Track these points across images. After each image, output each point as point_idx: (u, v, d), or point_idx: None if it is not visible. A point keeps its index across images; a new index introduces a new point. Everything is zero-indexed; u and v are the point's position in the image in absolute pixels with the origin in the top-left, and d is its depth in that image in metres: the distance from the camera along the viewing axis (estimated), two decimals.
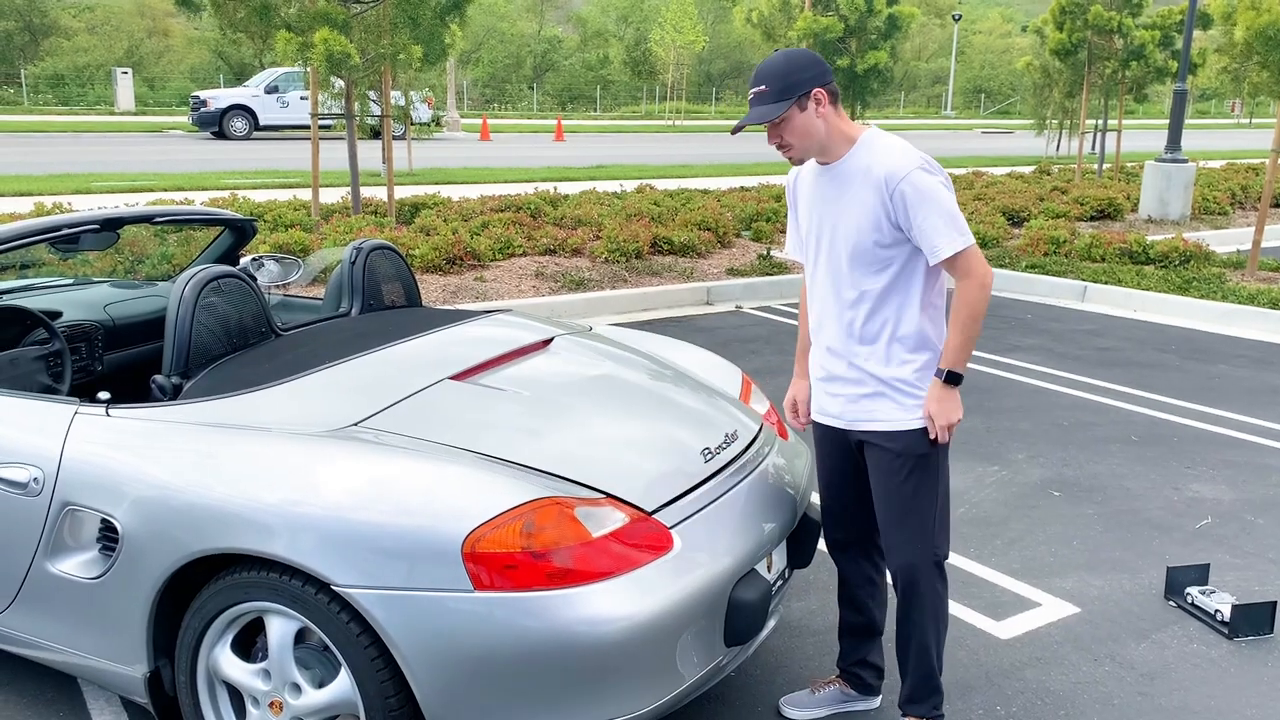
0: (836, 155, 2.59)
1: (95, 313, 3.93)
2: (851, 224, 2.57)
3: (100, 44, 43.18)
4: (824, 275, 2.68)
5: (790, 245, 2.87)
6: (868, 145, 2.58)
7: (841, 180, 2.59)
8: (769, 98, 2.50)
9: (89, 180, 14.73)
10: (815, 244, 2.69)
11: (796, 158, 2.59)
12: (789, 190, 2.82)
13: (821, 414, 2.80)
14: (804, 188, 2.71)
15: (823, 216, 2.64)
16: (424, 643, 2.21)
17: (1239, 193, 14.92)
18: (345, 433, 2.55)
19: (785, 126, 2.52)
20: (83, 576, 2.58)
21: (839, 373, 2.69)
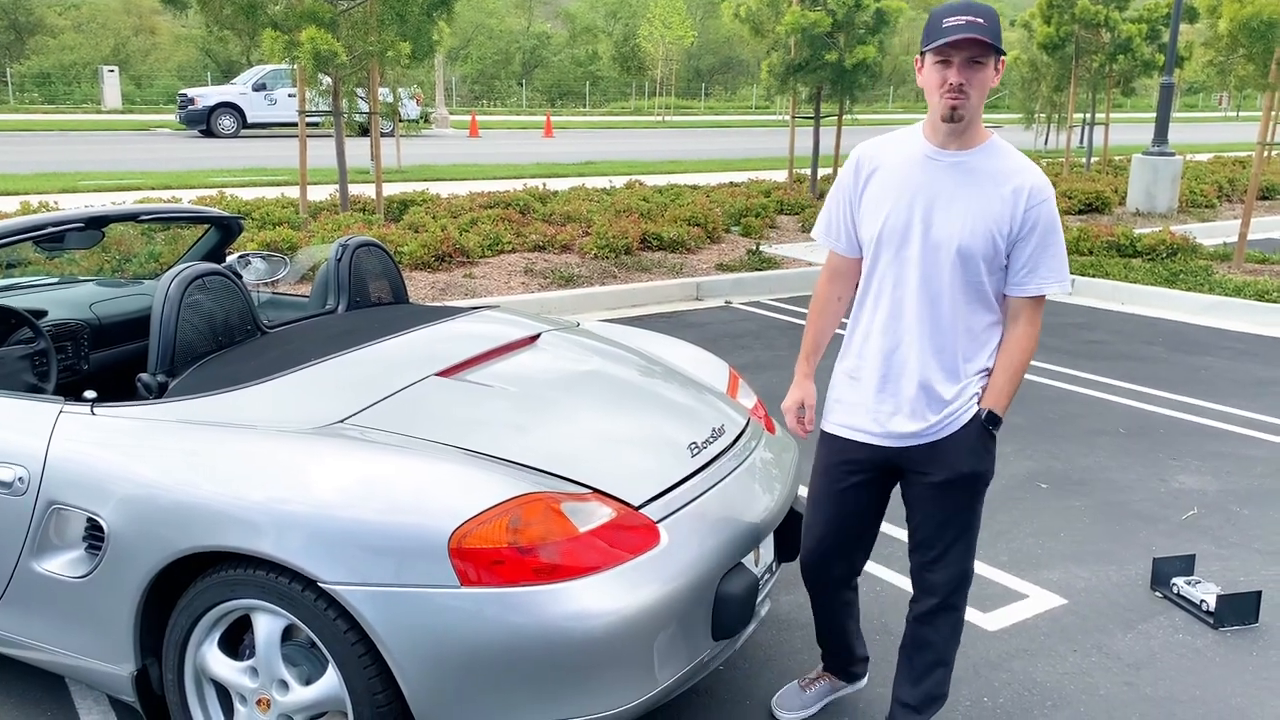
0: (972, 143, 2.36)
1: (81, 311, 3.92)
2: (967, 224, 2.33)
3: (86, 42, 42.95)
4: (914, 274, 2.39)
5: (835, 231, 2.56)
6: (1004, 148, 2.38)
7: (969, 174, 2.35)
8: (988, 33, 2.22)
9: (76, 179, 14.66)
10: (902, 237, 2.39)
11: (961, 114, 2.29)
12: (858, 169, 2.49)
13: (858, 430, 2.53)
14: (894, 173, 2.41)
15: (930, 208, 2.36)
16: (411, 639, 2.21)
17: (1226, 185, 14.97)
18: (331, 430, 2.55)
19: (984, 71, 2.27)
20: (69, 575, 2.58)
21: (926, 383, 2.43)
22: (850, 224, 2.53)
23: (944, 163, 2.35)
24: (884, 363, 2.47)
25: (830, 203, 2.57)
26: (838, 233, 2.56)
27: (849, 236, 2.55)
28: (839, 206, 2.55)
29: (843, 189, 2.53)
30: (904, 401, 2.45)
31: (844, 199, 2.53)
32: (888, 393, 2.47)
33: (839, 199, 2.54)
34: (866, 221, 2.46)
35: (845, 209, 2.53)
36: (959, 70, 2.26)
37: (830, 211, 2.57)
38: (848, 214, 2.53)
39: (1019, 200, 2.32)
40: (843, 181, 2.53)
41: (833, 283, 2.64)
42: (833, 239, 2.57)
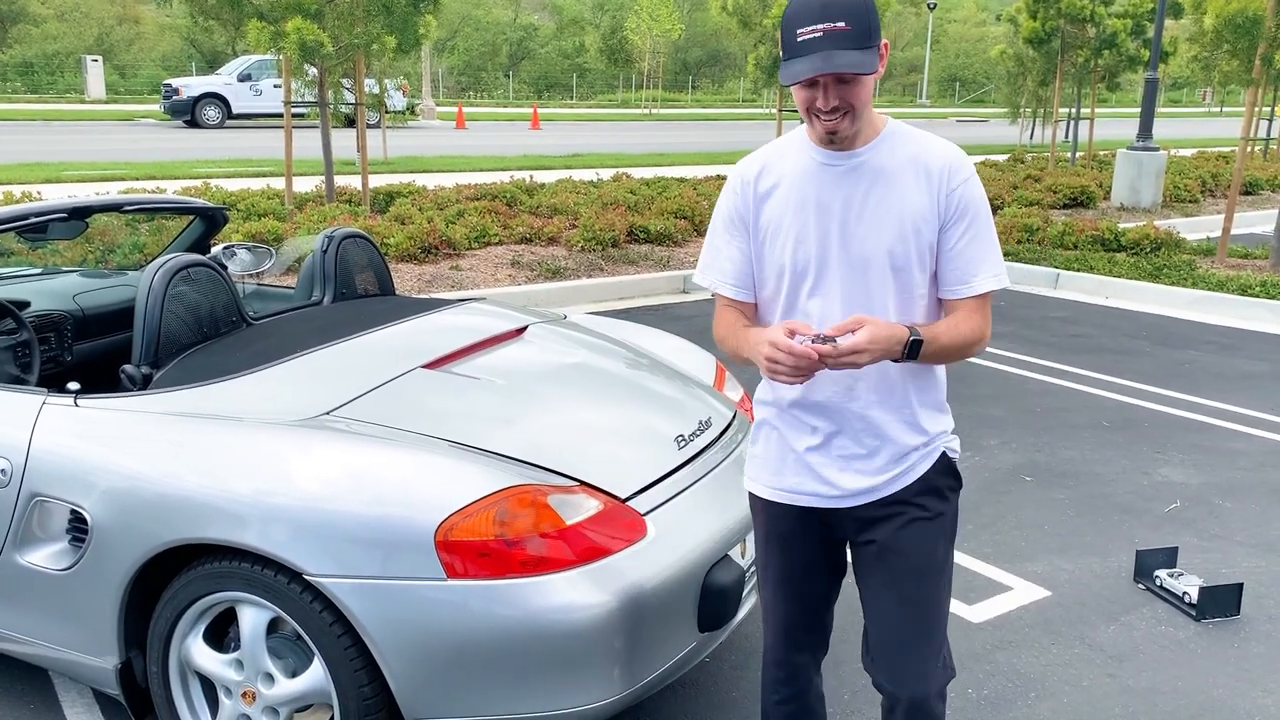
0: (864, 140, 1.95)
1: (64, 302, 3.89)
2: (893, 232, 1.93)
3: (70, 31, 42.61)
4: (839, 303, 1.96)
5: (729, 272, 2.06)
6: (906, 133, 1.99)
7: (876, 173, 1.95)
8: (851, 40, 1.78)
9: (59, 169, 14.56)
10: (819, 262, 1.96)
11: (843, 135, 1.89)
12: (746, 193, 2.03)
13: (798, 493, 2.08)
14: (791, 190, 1.99)
15: (844, 220, 1.94)
16: (397, 631, 2.21)
17: (1209, 180, 15.05)
18: (317, 422, 2.54)
19: (860, 83, 1.84)
20: (52, 568, 2.56)
21: (875, 428, 2.02)
22: (749, 260, 2.05)
23: (842, 168, 1.95)
24: (819, 414, 2.04)
25: (717, 240, 2.08)
26: (736, 274, 2.06)
27: (748, 277, 2.06)
28: (731, 242, 2.05)
29: (731, 220, 2.05)
30: (851, 456, 2.04)
31: (736, 232, 2.05)
32: (833, 450, 2.05)
33: (730, 233, 2.06)
34: (770, 253, 2.01)
35: (740, 243, 2.05)
36: (829, 93, 1.84)
37: (719, 251, 2.08)
38: (745, 249, 2.05)
39: (937, 184, 1.95)
40: (728, 212, 2.06)
41: (736, 323, 2.08)
42: (730, 283, 2.06)
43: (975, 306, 1.98)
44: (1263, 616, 3.51)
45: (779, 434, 2.10)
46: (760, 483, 2.16)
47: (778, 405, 2.09)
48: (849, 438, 2.03)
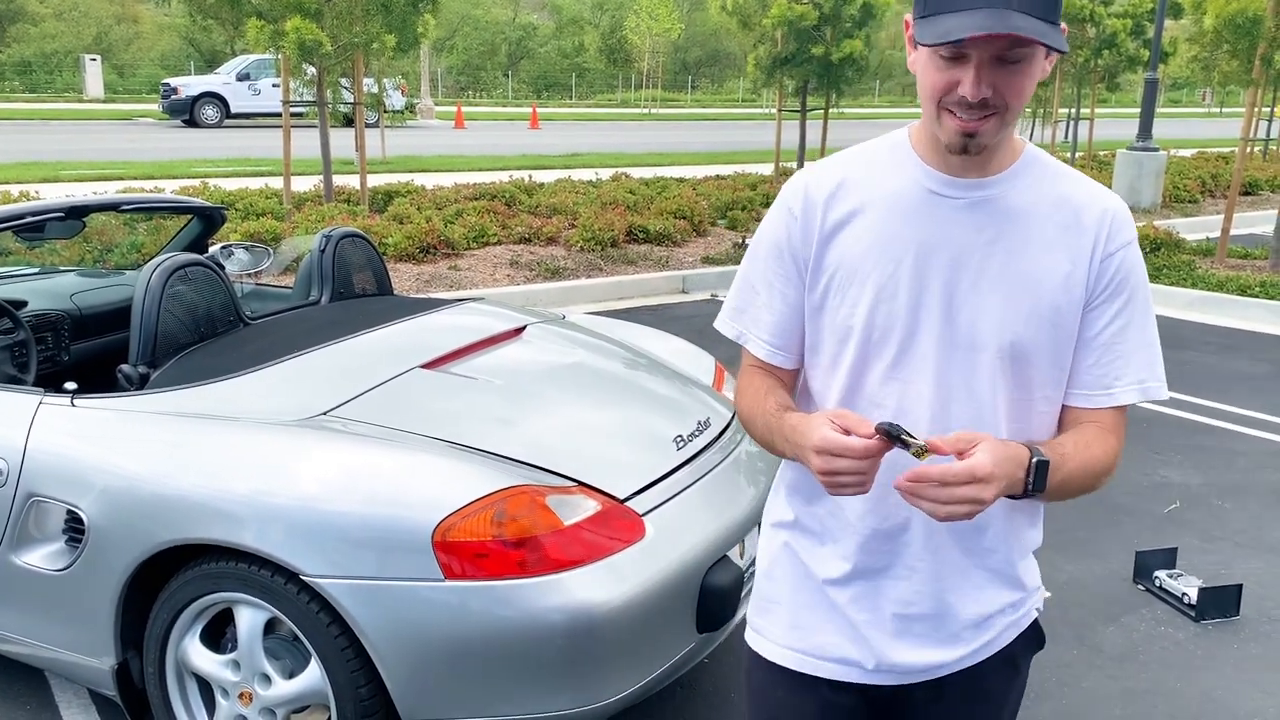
0: (1003, 163, 1.40)
1: (61, 302, 3.88)
2: (1022, 307, 1.37)
3: (68, 30, 42.56)
4: (928, 398, 1.39)
5: (766, 324, 1.50)
6: (1047, 163, 1.43)
7: (1009, 220, 1.38)
8: (1035, 4, 1.26)
9: (57, 168, 14.54)
10: (905, 335, 1.39)
11: (981, 144, 1.33)
12: (809, 216, 1.44)
13: (827, 659, 1.50)
14: (876, 222, 1.41)
15: (952, 281, 1.38)
16: (395, 632, 2.20)
17: (1209, 181, 15.04)
18: (315, 422, 2.53)
19: (1025, 71, 1.29)
20: (48, 568, 2.55)
21: (950, 579, 1.46)
22: (798, 313, 1.48)
23: (963, 201, 1.38)
24: (876, 552, 1.46)
25: (755, 278, 1.50)
26: (777, 329, 1.49)
27: (794, 335, 1.49)
28: (775, 285, 1.47)
29: (780, 254, 1.46)
30: (913, 616, 1.46)
31: (785, 272, 1.47)
32: (884, 600, 1.46)
33: (775, 272, 1.47)
34: (834, 308, 1.43)
35: (788, 288, 1.47)
36: (982, 74, 1.27)
37: (755, 293, 1.50)
38: (794, 297, 1.47)
39: (1091, 241, 1.38)
40: (777, 241, 1.47)
41: (769, 398, 1.49)
42: (766, 340, 1.50)
43: (1112, 422, 1.43)
44: (1262, 617, 3.50)
45: (804, 570, 1.51)
46: (770, 638, 1.54)
47: (805, 529, 1.51)
48: (910, 584, 1.44)
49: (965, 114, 1.30)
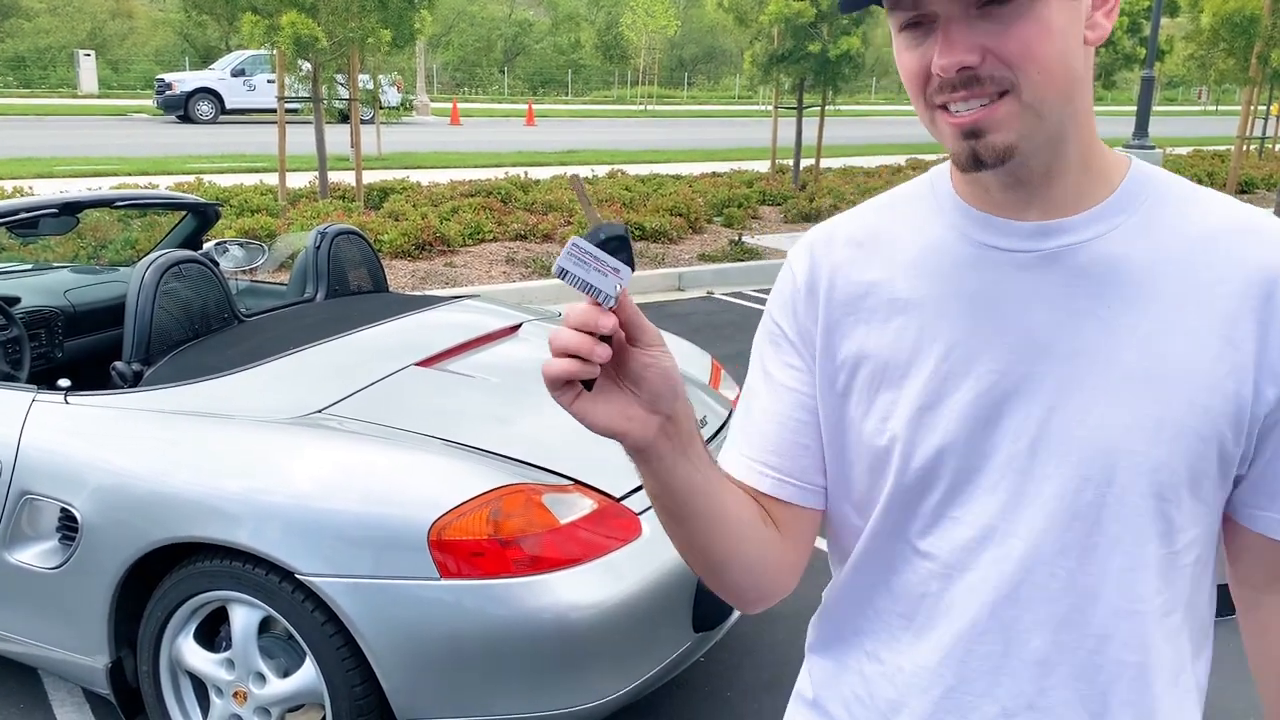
0: (1082, 198, 0.93)
1: (55, 299, 3.86)
2: (1150, 405, 0.90)
3: (62, 25, 42.43)
4: (1018, 551, 0.94)
5: (756, 441, 1.05)
6: (1169, 187, 0.95)
7: (1110, 274, 0.92)
8: None
9: (51, 164, 14.49)
10: (964, 461, 0.95)
11: (1009, 138, 0.87)
12: (806, 290, 1.05)
13: None
14: (918, 294, 0.98)
15: (1029, 377, 0.92)
16: (390, 631, 2.19)
17: (1205, 179, 15.04)
18: (309, 420, 2.52)
19: (1035, 19, 0.84)
20: (42, 566, 2.54)
21: None
22: (802, 422, 1.04)
23: (1030, 256, 0.94)
24: None
25: (753, 377, 1.07)
26: (773, 443, 1.04)
27: (798, 452, 1.04)
28: (773, 378, 1.05)
29: (777, 338, 1.06)
30: None
31: (781, 356, 1.05)
32: None
33: (768, 355, 1.06)
34: (855, 421, 1.01)
35: (793, 379, 1.04)
36: (953, 31, 0.86)
37: (751, 394, 1.07)
38: (794, 395, 1.04)
39: (1264, 310, 0.89)
40: (775, 313, 1.07)
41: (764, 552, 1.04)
42: (748, 455, 1.05)
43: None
44: None
45: None
46: None
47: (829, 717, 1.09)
48: None
49: (956, 103, 0.87)
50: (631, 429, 0.87)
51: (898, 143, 23.22)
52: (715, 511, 0.97)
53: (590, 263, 0.81)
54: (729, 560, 1.00)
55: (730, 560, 1.00)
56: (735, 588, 1.03)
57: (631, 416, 0.87)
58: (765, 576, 1.03)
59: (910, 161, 16.96)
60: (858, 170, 15.54)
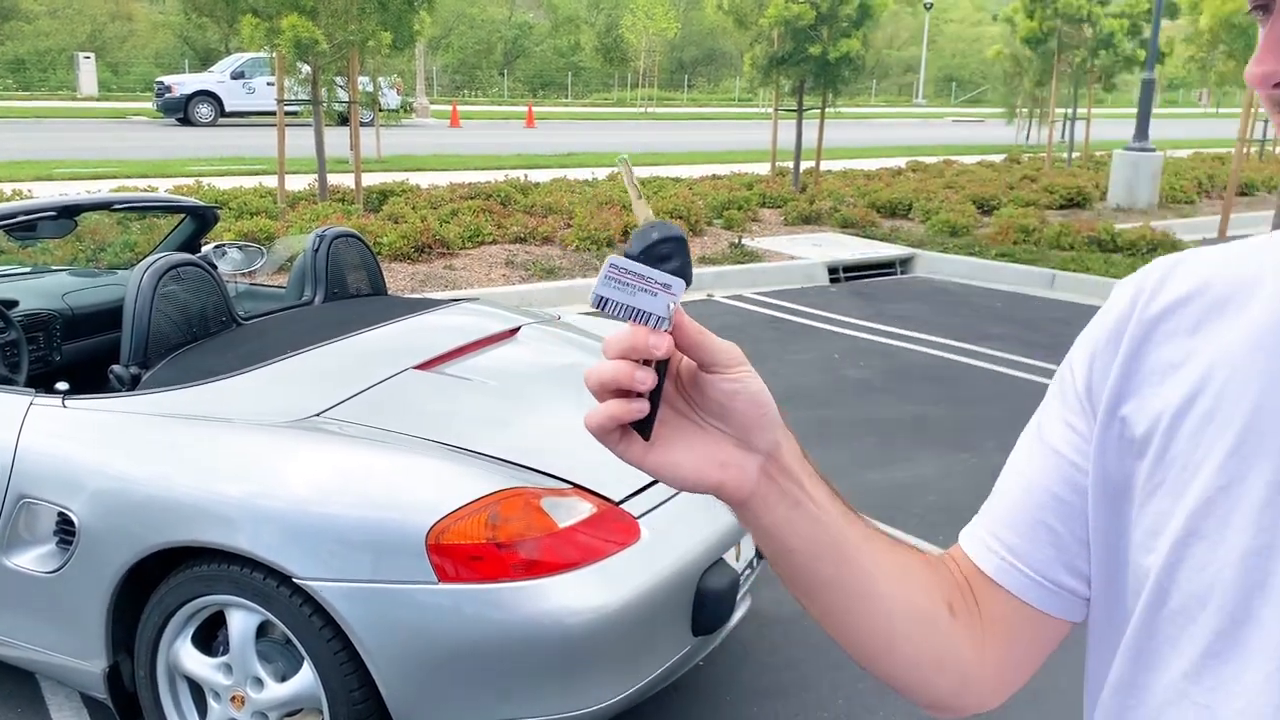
0: None
1: (53, 301, 3.86)
2: None
3: (62, 28, 42.44)
4: None
5: (999, 508, 0.83)
6: None
7: None
8: None
9: (50, 167, 14.49)
10: (1237, 593, 0.66)
11: None
12: (1110, 329, 0.80)
13: None
14: (1220, 372, 0.70)
15: None
16: (388, 636, 2.18)
17: (1205, 181, 15.05)
18: (308, 423, 2.51)
19: None
20: (39, 571, 2.53)
21: None
22: (1060, 496, 0.79)
23: None
24: None
25: (1025, 439, 0.85)
26: (1019, 523, 0.81)
27: (1055, 550, 0.79)
28: (1041, 425, 0.83)
29: (1067, 377, 0.82)
30: None
31: (1058, 408, 0.81)
32: None
33: (1049, 405, 0.83)
34: (1155, 512, 0.72)
35: (1059, 436, 0.80)
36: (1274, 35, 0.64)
37: (1019, 470, 0.84)
38: (1062, 459, 0.79)
39: None
40: (1070, 373, 0.82)
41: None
42: (1000, 541, 0.82)
43: None
44: None
45: None
46: None
47: None
48: None
49: None
50: (727, 477, 0.70)
51: (898, 145, 23.22)
52: (855, 584, 0.76)
53: (634, 283, 0.65)
54: (885, 652, 0.78)
55: (887, 652, 0.78)
56: (904, 687, 0.81)
57: (725, 462, 0.70)
58: (943, 681, 0.79)
59: (911, 164, 16.96)
60: (858, 173, 15.53)
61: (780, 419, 0.71)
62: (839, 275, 9.43)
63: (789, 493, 0.72)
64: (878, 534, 0.78)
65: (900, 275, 9.79)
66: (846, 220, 11.30)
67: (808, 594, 0.77)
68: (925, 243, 10.51)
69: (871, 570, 0.76)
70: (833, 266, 9.45)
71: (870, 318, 7.87)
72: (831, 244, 10.36)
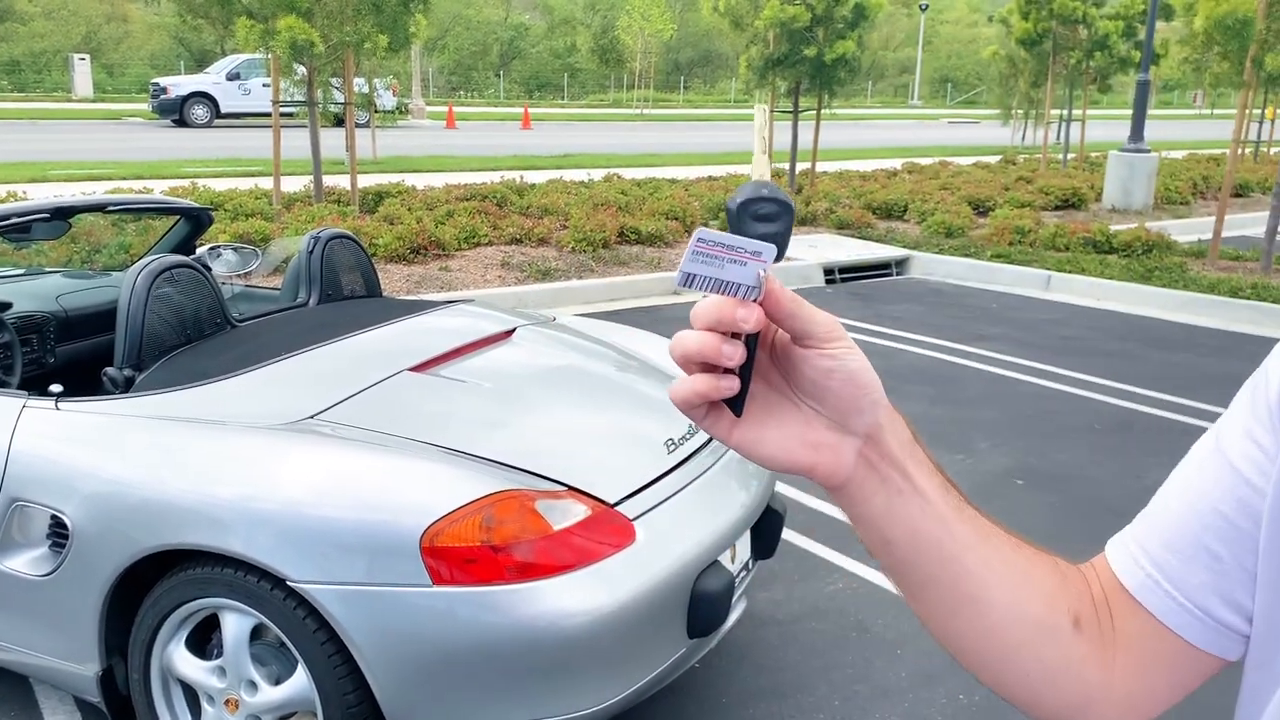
0: None
1: (47, 303, 3.84)
2: None
3: (57, 29, 42.38)
4: None
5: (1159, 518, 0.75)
6: None
7: None
8: None
9: (45, 168, 14.46)
10: None
11: None
12: None
13: None
14: None
15: None
16: (382, 639, 2.17)
17: (1200, 183, 15.08)
18: (302, 426, 2.50)
19: None
20: (32, 574, 2.52)
21: None
22: (1240, 538, 0.68)
23: None
24: None
25: (1200, 447, 0.75)
26: (1175, 540, 0.72)
27: (1212, 577, 0.69)
28: (1220, 438, 0.72)
29: (1256, 408, 0.69)
30: None
31: (1253, 452, 0.68)
32: None
33: (1227, 444, 0.71)
34: None
35: (1241, 488, 0.68)
36: None
37: (1185, 479, 0.74)
38: (1249, 512, 0.67)
39: None
40: (1265, 379, 0.69)
41: None
42: (1149, 557, 0.73)
43: None
44: None
45: None
46: None
47: None
48: None
49: None
50: (820, 460, 0.65)
51: (893, 146, 23.23)
52: (960, 585, 0.70)
53: (722, 254, 0.59)
54: (994, 660, 0.72)
55: (996, 661, 0.72)
56: (1014, 699, 0.74)
57: (817, 443, 0.65)
58: (1057, 699, 0.72)
59: (906, 165, 16.97)
60: (853, 174, 15.54)
61: (884, 400, 0.66)
62: (835, 276, 9.43)
63: (890, 480, 0.67)
64: (1000, 535, 0.72)
65: (896, 276, 9.80)
66: (842, 221, 11.31)
67: (909, 591, 0.72)
68: (921, 244, 10.52)
69: (980, 572, 0.70)
70: (829, 268, 9.45)
71: (866, 319, 7.87)
72: (827, 245, 10.36)
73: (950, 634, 0.73)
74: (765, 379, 0.65)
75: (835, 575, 3.74)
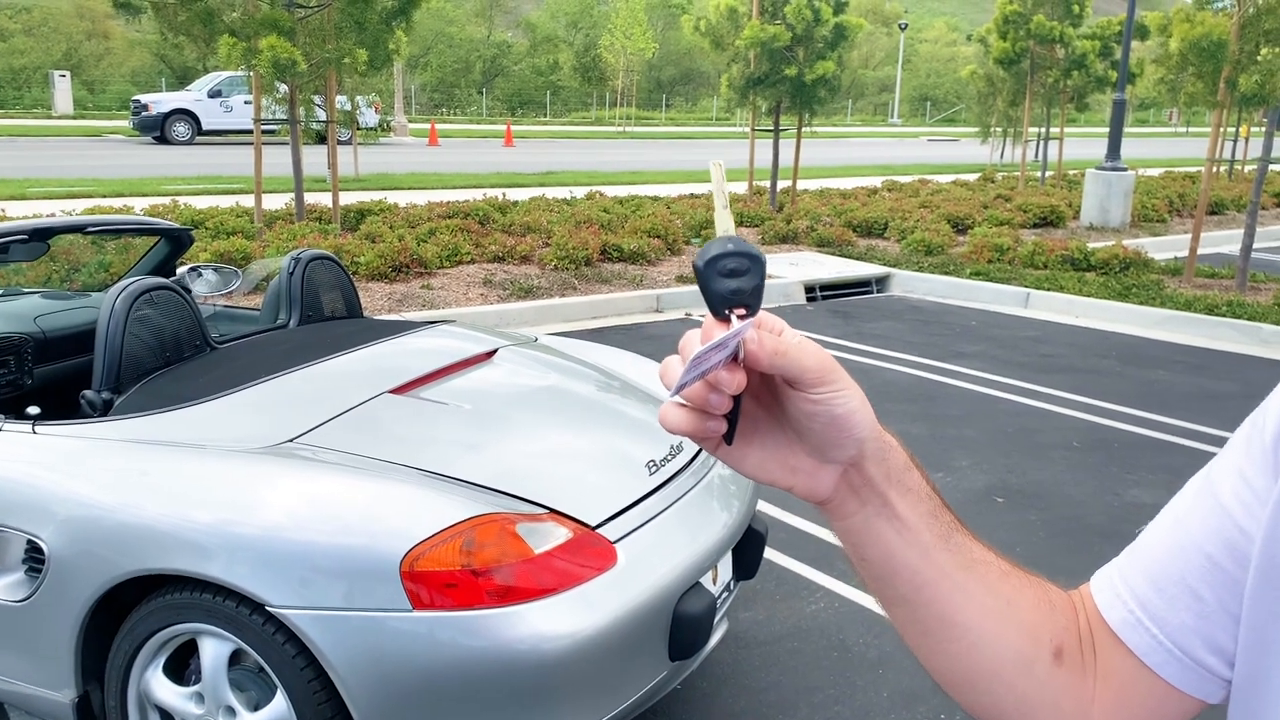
0: None
1: (25, 324, 3.82)
2: None
3: (37, 46, 42.21)
4: None
5: (1142, 555, 0.73)
6: None
7: None
8: None
9: (25, 186, 14.37)
10: None
11: None
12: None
13: None
14: None
15: None
16: (362, 664, 2.16)
17: (1176, 200, 15.23)
18: (281, 449, 2.49)
19: None
20: (7, 599, 2.50)
21: None
22: (1224, 580, 0.67)
23: None
24: None
25: (1193, 484, 0.74)
26: (1160, 578, 0.70)
27: (1194, 619, 0.68)
28: (1206, 509, 0.70)
29: (1251, 447, 0.68)
30: None
31: (1244, 493, 0.67)
32: None
33: (1218, 483, 0.70)
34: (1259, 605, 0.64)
35: (1228, 529, 0.67)
36: None
37: (1174, 517, 0.72)
38: (1235, 555, 0.66)
39: None
40: (1263, 418, 0.68)
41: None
42: (1133, 595, 0.72)
43: None
44: None
45: None
46: None
47: None
48: None
49: None
50: (797, 482, 0.69)
51: (874, 164, 23.37)
52: (933, 609, 0.71)
53: (710, 355, 0.61)
54: (965, 685, 0.73)
55: (967, 686, 0.73)
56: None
57: (795, 467, 0.68)
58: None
59: (886, 183, 17.08)
60: (834, 192, 15.63)
61: (871, 433, 0.67)
62: (816, 294, 9.47)
63: (869, 504, 0.69)
64: (989, 563, 0.72)
65: (876, 294, 9.85)
66: (823, 239, 11.36)
67: (883, 605, 0.74)
68: (901, 261, 10.58)
69: (955, 598, 0.70)
70: (810, 285, 9.49)
71: (847, 336, 7.90)
72: (808, 263, 10.40)
73: (923, 652, 0.74)
74: (756, 397, 0.67)
75: (817, 594, 3.74)
